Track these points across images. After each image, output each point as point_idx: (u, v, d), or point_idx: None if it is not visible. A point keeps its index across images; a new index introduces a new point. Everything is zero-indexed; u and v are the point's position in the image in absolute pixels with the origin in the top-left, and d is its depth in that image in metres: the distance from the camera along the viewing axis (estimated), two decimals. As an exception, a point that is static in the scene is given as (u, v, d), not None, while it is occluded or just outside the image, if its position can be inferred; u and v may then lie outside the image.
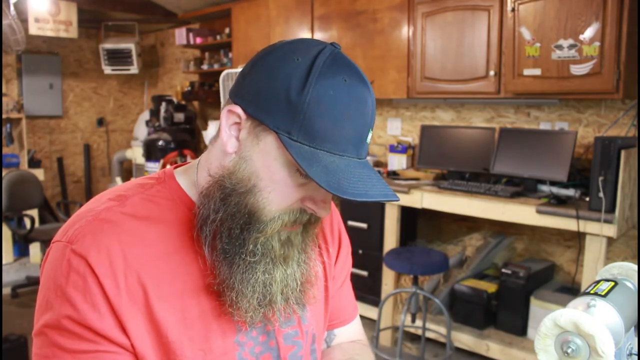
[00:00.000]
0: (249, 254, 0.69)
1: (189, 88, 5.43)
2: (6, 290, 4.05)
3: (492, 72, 2.97)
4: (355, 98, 0.66)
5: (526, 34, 2.77)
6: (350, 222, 3.43)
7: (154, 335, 0.69)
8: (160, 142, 4.77)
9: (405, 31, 3.37)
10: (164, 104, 5.04)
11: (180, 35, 5.02)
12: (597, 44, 2.52)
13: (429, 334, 3.07)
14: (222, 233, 0.70)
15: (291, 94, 0.65)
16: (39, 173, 4.92)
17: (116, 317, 0.67)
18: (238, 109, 0.68)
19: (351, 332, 0.98)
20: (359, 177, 0.66)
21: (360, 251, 3.41)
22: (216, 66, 4.94)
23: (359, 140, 0.68)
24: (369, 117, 0.68)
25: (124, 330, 0.67)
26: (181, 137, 4.88)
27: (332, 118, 0.65)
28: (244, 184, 0.68)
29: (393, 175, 3.52)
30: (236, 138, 0.70)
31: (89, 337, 0.66)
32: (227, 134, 0.70)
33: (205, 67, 5.12)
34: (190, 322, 0.72)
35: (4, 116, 4.94)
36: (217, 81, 4.19)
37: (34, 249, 4.81)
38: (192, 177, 0.77)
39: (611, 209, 2.39)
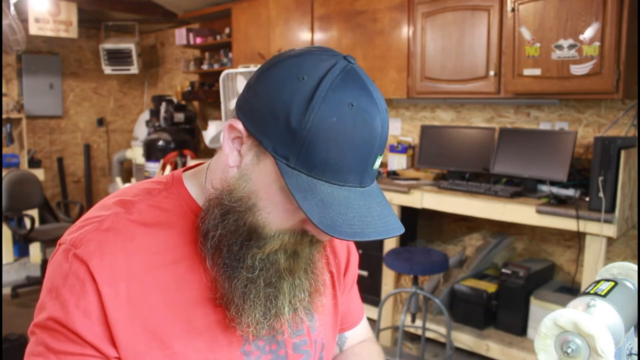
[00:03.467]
0: (247, 270, 0.68)
1: (189, 88, 5.43)
2: (6, 290, 4.06)
3: (492, 72, 2.97)
4: (362, 124, 0.62)
5: (526, 34, 2.77)
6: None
7: (157, 346, 0.68)
8: (160, 142, 4.77)
9: (405, 31, 3.37)
10: (164, 104, 5.04)
11: (180, 35, 5.02)
12: (597, 44, 2.52)
13: (429, 334, 3.07)
14: (222, 248, 0.68)
15: (291, 118, 0.61)
16: (39, 173, 4.92)
17: (107, 327, 0.66)
18: (239, 125, 0.66)
19: (360, 332, 0.99)
20: (357, 211, 0.62)
21: (360, 251, 3.40)
22: (216, 66, 4.94)
23: (363, 168, 0.64)
24: (375, 143, 0.63)
25: (113, 341, 0.66)
26: (181, 137, 4.88)
27: (333, 148, 0.61)
28: (243, 203, 0.66)
29: (393, 175, 3.52)
30: (238, 152, 0.68)
31: (75, 340, 0.65)
32: (229, 147, 0.68)
33: (205, 67, 5.12)
34: (196, 333, 0.70)
35: (4, 116, 4.94)
36: (217, 81, 4.19)
37: (34, 249, 4.81)
38: (200, 182, 0.75)
39: (611, 209, 2.39)
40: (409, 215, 3.39)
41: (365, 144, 0.62)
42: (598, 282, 0.70)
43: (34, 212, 4.60)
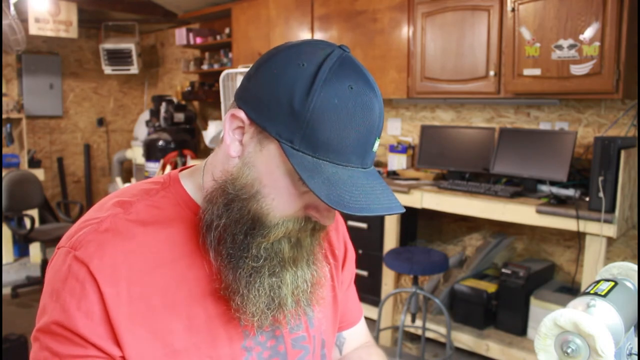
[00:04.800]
0: (252, 259, 0.69)
1: (189, 88, 5.43)
2: (6, 290, 4.06)
3: (492, 72, 2.97)
4: (361, 106, 0.64)
5: (526, 34, 2.77)
6: (350, 222, 3.43)
7: (159, 345, 0.68)
8: (160, 142, 4.77)
9: (405, 31, 3.37)
10: (164, 104, 5.04)
11: (180, 35, 5.02)
12: (597, 44, 2.52)
13: (429, 334, 3.07)
14: (226, 238, 0.69)
15: (295, 102, 0.63)
16: (39, 173, 4.92)
17: (110, 327, 0.66)
18: (241, 114, 0.67)
19: (359, 333, 0.99)
20: (361, 189, 0.65)
21: (360, 251, 3.41)
22: (216, 66, 4.94)
23: (364, 149, 0.66)
24: (375, 125, 0.66)
25: (117, 341, 0.66)
26: (181, 137, 4.88)
27: (336, 128, 0.63)
28: (247, 190, 0.67)
29: (393, 175, 3.52)
30: (239, 142, 0.68)
31: (79, 342, 0.65)
32: (230, 137, 0.69)
33: (205, 67, 5.12)
34: (197, 329, 0.71)
35: (4, 116, 4.94)
36: (217, 81, 4.19)
37: (34, 249, 4.81)
38: (198, 180, 0.76)
39: (611, 209, 2.39)
40: (409, 215, 3.39)
41: (365, 124, 0.65)
42: (598, 282, 0.70)
43: (34, 212, 4.60)
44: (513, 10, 2.81)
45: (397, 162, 3.73)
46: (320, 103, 0.63)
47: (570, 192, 2.79)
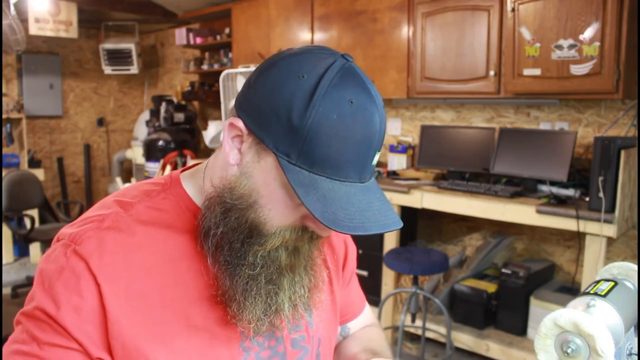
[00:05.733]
0: (249, 267, 0.69)
1: (189, 88, 5.43)
2: (6, 290, 4.06)
3: (492, 72, 2.97)
4: (362, 121, 0.63)
5: (526, 34, 2.77)
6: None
7: (156, 344, 0.68)
8: (160, 142, 4.77)
9: (405, 31, 3.37)
10: (164, 104, 5.04)
11: (180, 35, 5.02)
12: (597, 44, 2.52)
13: (429, 334, 3.07)
14: (224, 246, 0.69)
15: (293, 116, 0.62)
16: (39, 173, 4.92)
17: (98, 326, 0.65)
18: (240, 123, 0.67)
19: (363, 322, 1.01)
20: (357, 205, 0.64)
21: (360, 251, 3.40)
22: (216, 66, 4.94)
23: (363, 164, 0.65)
24: (374, 140, 0.65)
25: (102, 343, 0.66)
26: (181, 137, 4.88)
27: (334, 144, 0.62)
28: (244, 200, 0.67)
29: (393, 175, 3.52)
30: (238, 150, 0.68)
31: (62, 333, 0.65)
32: (229, 145, 0.68)
33: (205, 67, 5.12)
34: (194, 329, 0.71)
35: (4, 116, 4.94)
36: (217, 81, 4.19)
37: (34, 249, 4.81)
38: (199, 182, 0.76)
39: (611, 209, 2.39)
40: (409, 215, 3.39)
41: (364, 140, 0.64)
42: (598, 282, 0.70)
43: (34, 212, 4.60)
44: (513, 10, 2.81)
45: (397, 162, 3.73)
46: (319, 119, 0.61)
47: (570, 192, 2.79)
